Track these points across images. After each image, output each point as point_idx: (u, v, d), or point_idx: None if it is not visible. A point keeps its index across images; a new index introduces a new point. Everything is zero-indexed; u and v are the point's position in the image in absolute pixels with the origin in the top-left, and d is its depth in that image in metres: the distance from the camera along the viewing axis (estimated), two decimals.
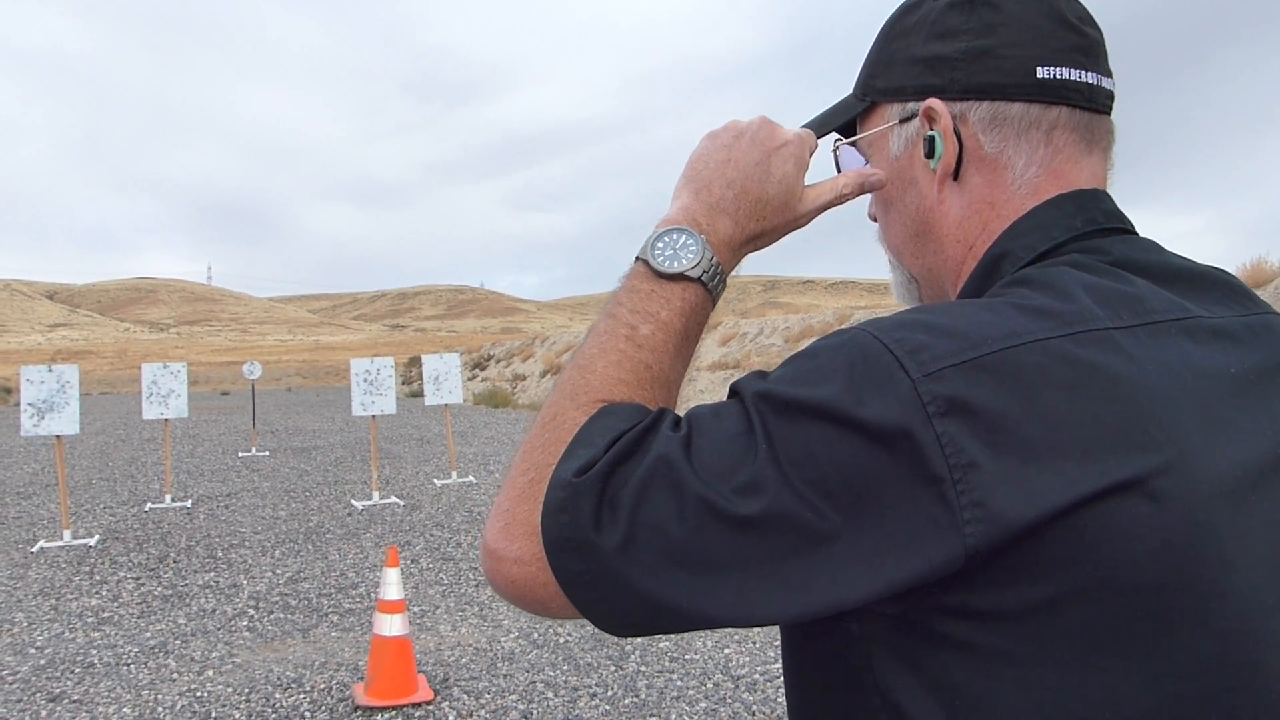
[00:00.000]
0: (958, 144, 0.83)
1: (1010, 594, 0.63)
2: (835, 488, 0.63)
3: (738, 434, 0.66)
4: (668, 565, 0.64)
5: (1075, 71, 0.82)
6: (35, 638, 5.64)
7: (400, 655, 4.47)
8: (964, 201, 0.84)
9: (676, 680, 4.67)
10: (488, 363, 36.11)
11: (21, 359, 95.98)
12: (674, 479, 0.65)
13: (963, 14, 0.83)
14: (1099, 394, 0.65)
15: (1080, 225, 0.80)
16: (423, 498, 10.67)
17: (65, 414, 8.65)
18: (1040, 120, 0.82)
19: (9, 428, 23.12)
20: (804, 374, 0.68)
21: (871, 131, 0.91)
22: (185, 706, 4.49)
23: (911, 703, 0.66)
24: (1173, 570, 0.63)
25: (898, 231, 0.91)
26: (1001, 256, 0.80)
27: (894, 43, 0.89)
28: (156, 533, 8.87)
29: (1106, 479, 0.62)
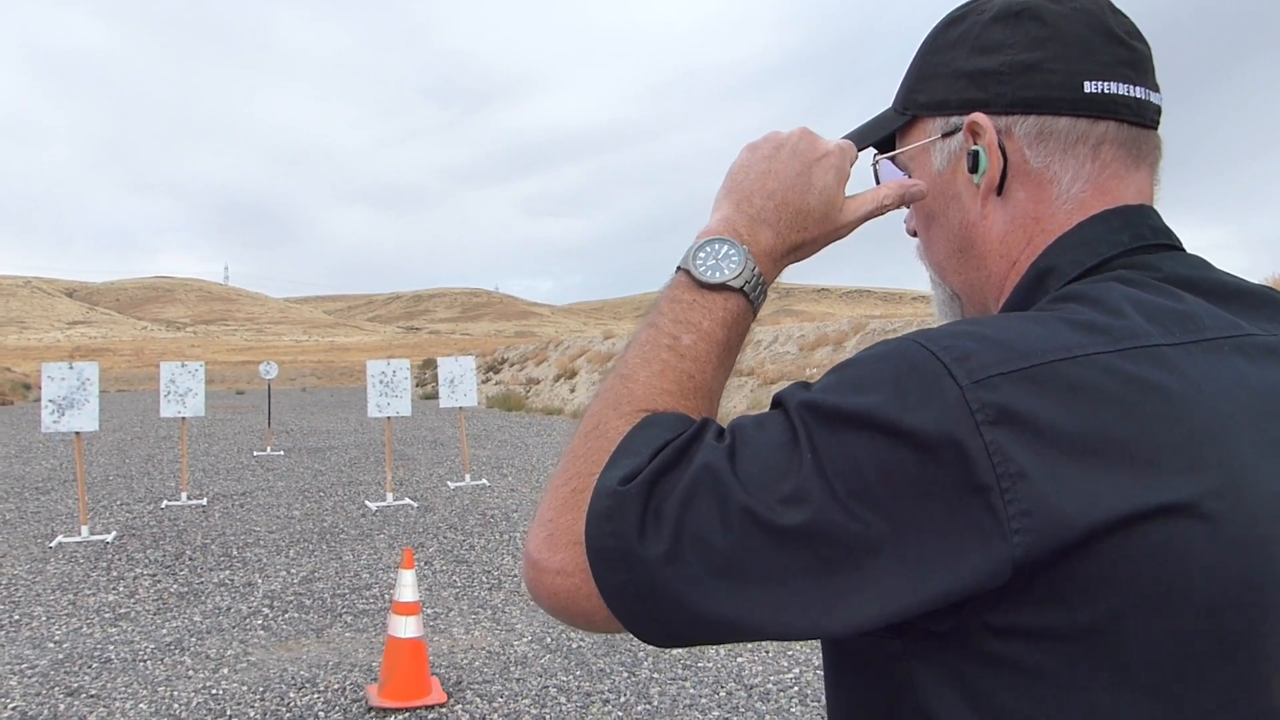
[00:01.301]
0: (1002, 159, 0.82)
1: (1058, 612, 0.62)
2: (881, 497, 0.62)
3: (782, 444, 0.66)
4: (712, 576, 0.64)
5: (1124, 86, 0.81)
6: (54, 632, 5.69)
7: (414, 657, 4.49)
8: (1008, 216, 0.83)
9: (689, 688, 4.68)
10: (502, 366, 36.18)
11: (41, 355, 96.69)
12: (718, 489, 0.65)
13: (1008, 28, 0.83)
14: (1151, 411, 0.64)
15: (1128, 241, 0.79)
16: (436, 500, 10.70)
17: (85, 411, 8.72)
18: (1088, 135, 0.81)
19: (28, 423, 23.30)
20: (849, 383, 0.67)
21: (913, 146, 0.90)
22: (201, 704, 4.52)
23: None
24: (1226, 594, 0.62)
25: (940, 247, 0.90)
26: (1047, 271, 0.80)
27: (937, 56, 0.88)
28: (172, 530, 8.93)
29: (1158, 498, 0.62)
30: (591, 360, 28.63)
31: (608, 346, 29.37)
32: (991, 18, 0.84)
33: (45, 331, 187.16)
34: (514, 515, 9.53)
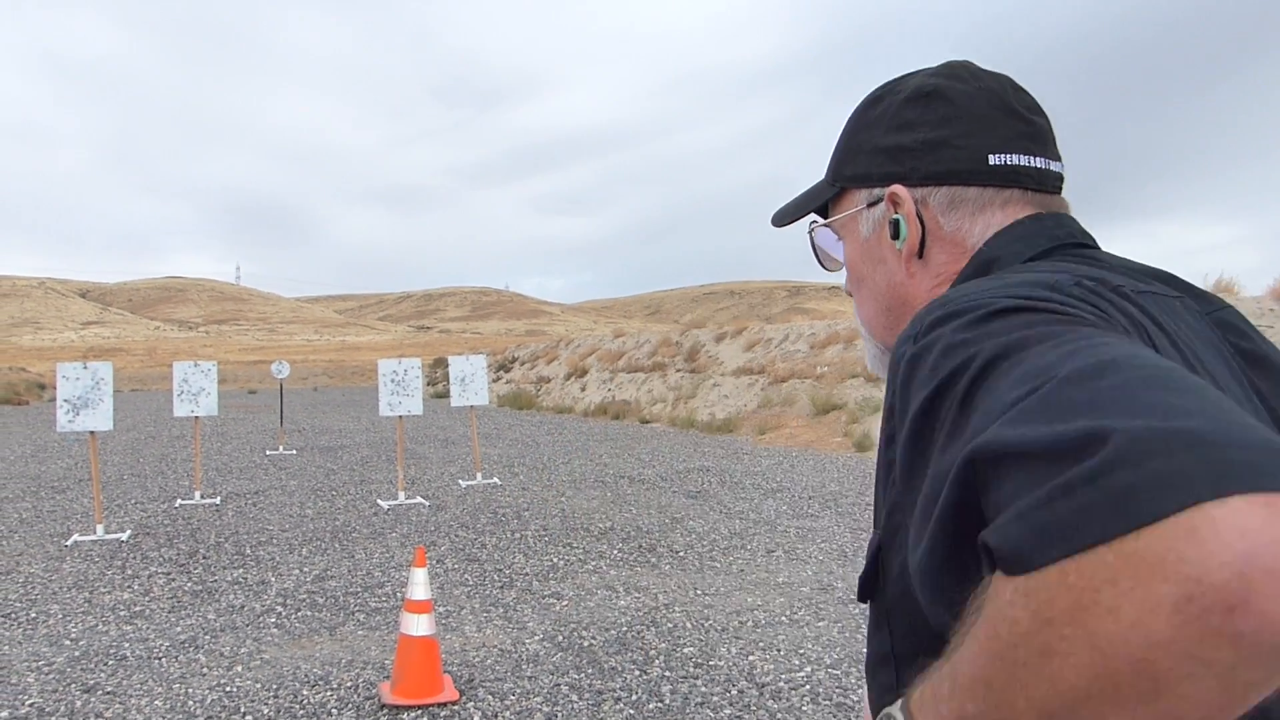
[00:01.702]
0: (920, 226, 0.91)
1: None
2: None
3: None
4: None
5: (1025, 157, 0.89)
6: (70, 629, 5.74)
7: (427, 655, 4.51)
8: (930, 275, 0.92)
9: (701, 686, 4.69)
10: (512, 365, 36.23)
11: (55, 355, 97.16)
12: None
13: (919, 108, 0.92)
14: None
15: (1063, 236, 0.87)
16: (448, 498, 10.73)
17: (100, 410, 8.78)
18: (994, 200, 0.90)
19: (44, 423, 23.45)
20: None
21: (843, 215, 0.99)
22: (215, 701, 4.55)
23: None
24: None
25: (869, 306, 0.99)
26: (992, 260, 0.87)
27: (860, 134, 0.97)
28: (186, 529, 8.99)
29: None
30: (602, 358, 28.64)
31: (618, 345, 29.39)
32: (905, 98, 0.93)
33: (59, 332, 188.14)
34: (525, 514, 9.56)
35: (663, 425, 20.64)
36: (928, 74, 0.95)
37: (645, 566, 7.23)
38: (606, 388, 26.30)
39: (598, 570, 7.12)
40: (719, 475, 12.15)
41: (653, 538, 8.25)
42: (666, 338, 27.49)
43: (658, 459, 14.24)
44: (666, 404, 22.32)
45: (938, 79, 0.93)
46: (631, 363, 26.68)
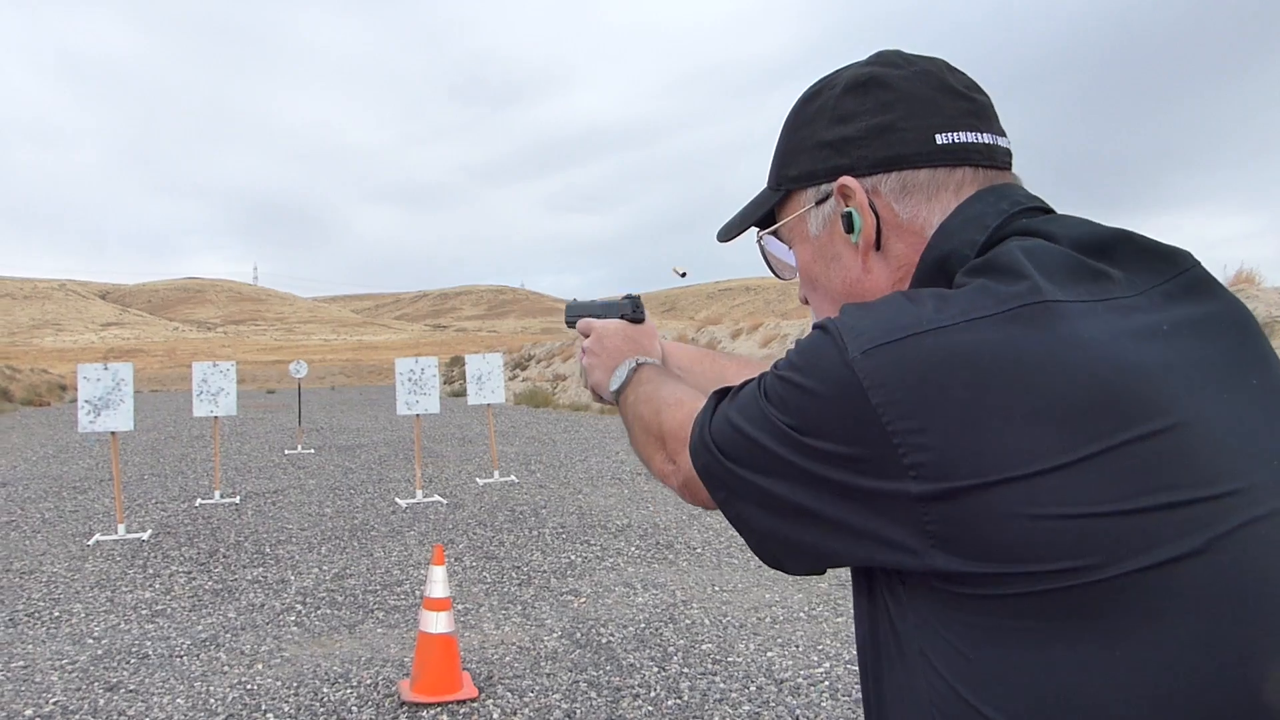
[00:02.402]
0: (875, 216, 0.89)
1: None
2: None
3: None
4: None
5: (972, 134, 0.89)
6: (92, 628, 5.79)
7: (446, 652, 4.53)
8: (891, 267, 0.91)
9: (719, 683, 4.69)
10: (528, 363, 36.28)
11: (76, 357, 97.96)
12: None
13: (859, 97, 0.91)
14: (1012, 378, 0.73)
15: (1008, 208, 0.86)
16: (465, 496, 10.76)
17: (120, 411, 8.85)
18: (946, 182, 0.88)
19: (65, 423, 23.65)
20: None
21: (789, 218, 0.98)
22: (236, 699, 4.58)
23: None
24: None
25: (827, 307, 0.97)
26: (945, 258, 0.86)
27: (799, 132, 0.96)
28: (206, 528, 9.05)
29: (1028, 467, 0.71)
30: None
31: None
32: (843, 90, 0.92)
33: (80, 333, 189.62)
34: (542, 511, 9.57)
35: None
36: (860, 65, 0.94)
37: (663, 563, 7.23)
38: None
39: (615, 567, 7.12)
40: None
41: (670, 534, 8.25)
42: (683, 334, 27.47)
43: None
44: None
45: (872, 67, 0.93)
46: None
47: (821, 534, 0.81)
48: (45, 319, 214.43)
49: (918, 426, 0.72)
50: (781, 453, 0.80)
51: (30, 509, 10.32)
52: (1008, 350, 0.72)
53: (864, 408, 0.74)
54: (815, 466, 0.78)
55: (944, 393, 0.72)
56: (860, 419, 0.74)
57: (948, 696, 0.76)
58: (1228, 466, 0.72)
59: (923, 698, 0.78)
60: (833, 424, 0.76)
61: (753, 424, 0.82)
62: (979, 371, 0.72)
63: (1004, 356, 0.72)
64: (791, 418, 0.79)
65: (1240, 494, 0.71)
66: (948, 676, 0.76)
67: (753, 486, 0.83)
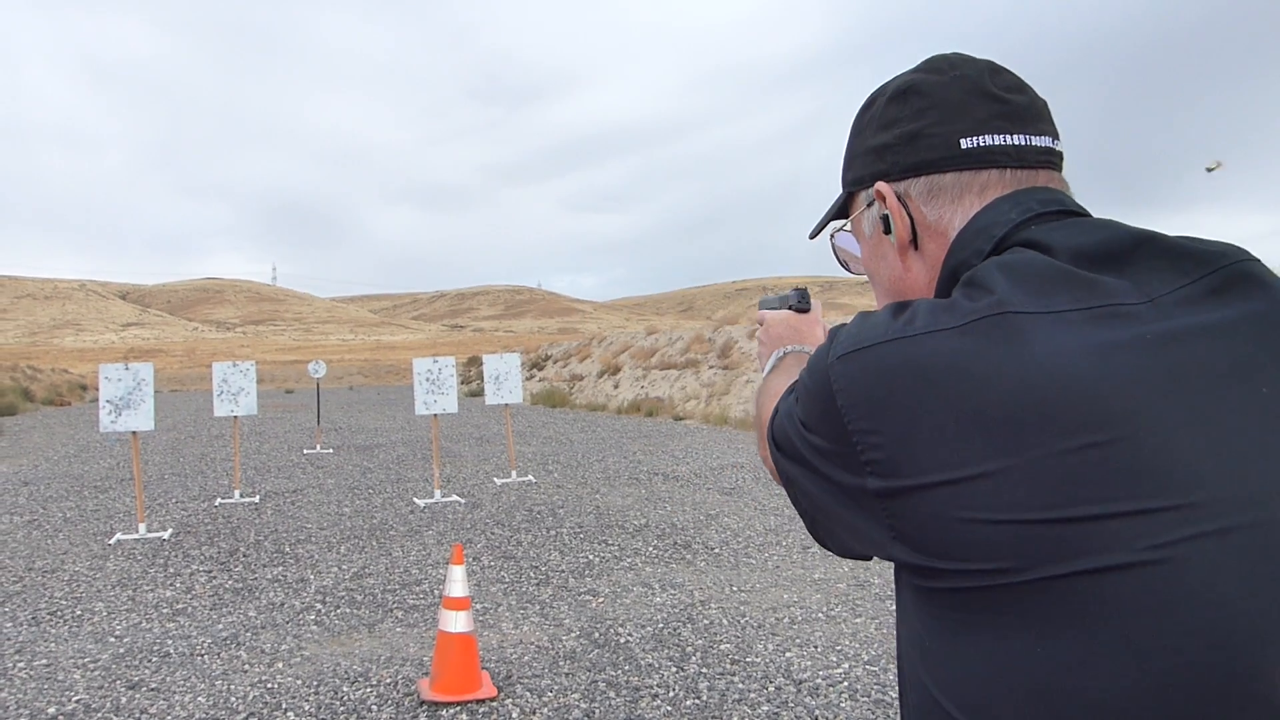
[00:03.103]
0: (909, 218, 0.96)
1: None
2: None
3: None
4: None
5: (999, 136, 0.92)
6: (114, 626, 5.83)
7: (465, 652, 4.54)
8: (927, 266, 0.97)
9: (738, 683, 4.68)
10: (545, 363, 36.34)
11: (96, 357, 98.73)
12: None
13: (898, 105, 0.97)
14: (960, 390, 0.77)
15: (1016, 216, 0.89)
16: (483, 496, 10.79)
17: (141, 411, 8.91)
18: (971, 184, 0.93)
19: (85, 423, 23.84)
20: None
21: (850, 218, 1.08)
22: (257, 697, 4.61)
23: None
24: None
25: (881, 301, 1.05)
26: (956, 268, 0.91)
27: (856, 139, 1.04)
28: (226, 527, 9.10)
29: (960, 471, 0.76)
30: (635, 356, 28.65)
31: (650, 342, 29.38)
32: (888, 98, 0.99)
33: (100, 333, 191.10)
34: (560, 511, 9.58)
35: (696, 422, 20.62)
36: (909, 71, 1.00)
37: (680, 563, 7.22)
38: (639, 385, 26.31)
39: (633, 567, 7.12)
40: (753, 471, 12.12)
41: (687, 534, 8.24)
42: (699, 334, 27.44)
43: (691, 456, 14.23)
44: (700, 401, 22.29)
45: (915, 75, 0.98)
46: (664, 360, 26.67)
47: (833, 521, 0.89)
48: (66, 319, 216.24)
49: (869, 427, 0.80)
50: (799, 444, 0.88)
51: (52, 508, 10.41)
52: (956, 360, 0.77)
53: (832, 407, 0.82)
54: (814, 459, 0.87)
55: (893, 398, 0.79)
56: (831, 417, 0.83)
57: (917, 684, 0.84)
58: (1183, 480, 0.72)
59: (908, 684, 0.87)
60: (819, 420, 0.85)
61: (788, 417, 0.91)
62: (926, 380, 0.77)
63: (951, 366, 0.77)
64: (802, 413, 0.88)
65: (1193, 508, 0.72)
66: (917, 664, 0.84)
67: (792, 472, 0.92)
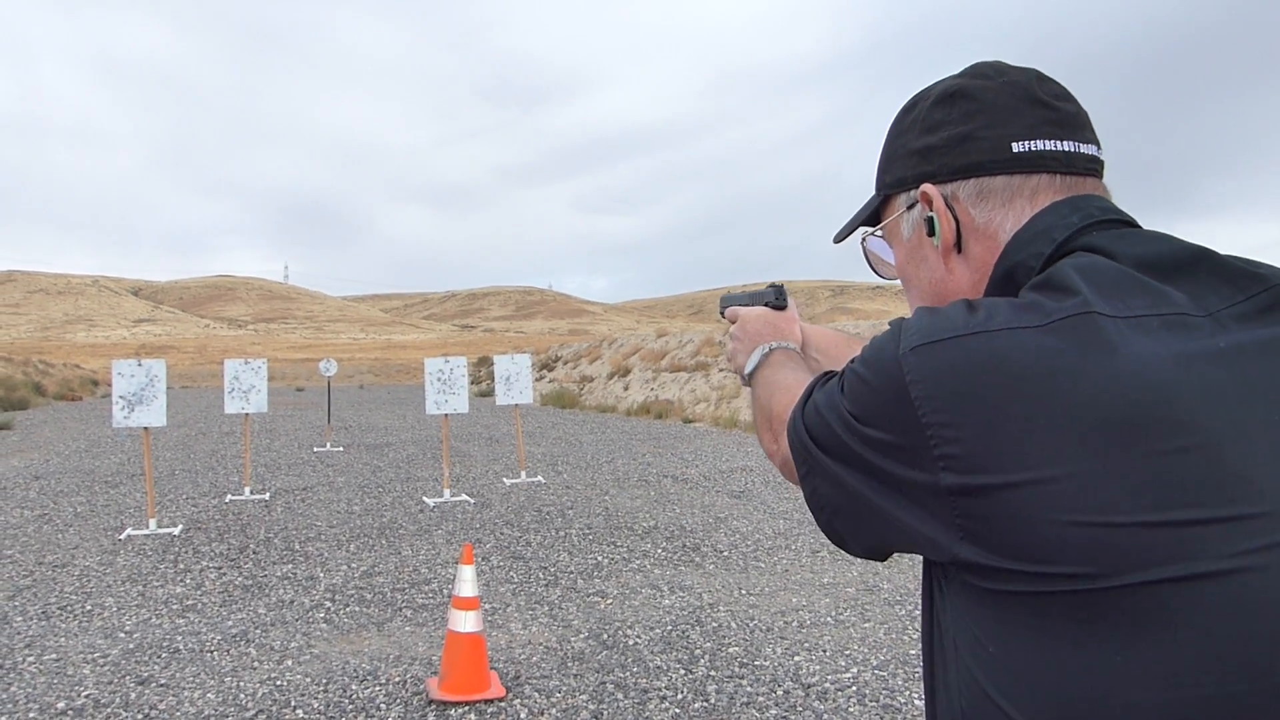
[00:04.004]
0: (954, 220, 0.95)
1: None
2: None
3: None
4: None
5: (1050, 142, 0.93)
6: (124, 622, 5.85)
7: (474, 651, 4.54)
8: (970, 269, 0.96)
9: (746, 686, 4.67)
10: (555, 364, 36.36)
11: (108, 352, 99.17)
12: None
13: (945, 108, 0.97)
14: (1052, 389, 0.76)
15: (1078, 221, 0.89)
16: (493, 496, 10.79)
17: (153, 407, 8.94)
18: (1021, 188, 0.93)
19: (97, 418, 23.94)
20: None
21: (886, 221, 1.07)
22: (266, 694, 4.61)
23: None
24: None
25: (918, 305, 1.02)
26: (1013, 269, 0.91)
27: (896, 141, 1.04)
28: (236, 524, 9.12)
29: (1032, 473, 0.75)
30: (645, 358, 28.64)
31: (660, 344, 29.37)
32: (933, 102, 0.99)
33: (112, 329, 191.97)
34: (569, 512, 9.58)
35: (706, 425, 20.60)
36: (954, 76, 1.00)
37: (689, 566, 7.21)
38: (649, 387, 26.30)
39: (642, 569, 7.12)
40: (762, 475, 12.10)
41: (696, 537, 8.23)
42: (709, 337, 27.42)
43: (701, 458, 14.22)
44: (709, 403, 22.27)
45: (963, 79, 0.98)
46: (674, 362, 26.66)
47: (873, 518, 0.87)
48: (78, 314, 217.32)
49: (948, 421, 0.78)
50: (845, 438, 0.87)
51: (63, 503, 10.45)
52: (1042, 359, 0.76)
53: (905, 400, 0.81)
54: (868, 453, 0.85)
55: (976, 393, 0.77)
56: (901, 410, 0.81)
57: (971, 687, 0.82)
58: (1261, 489, 0.73)
59: (954, 688, 0.84)
60: (881, 413, 0.83)
61: (830, 410, 0.90)
62: (1012, 377, 0.76)
63: (1038, 365, 0.76)
64: (854, 406, 0.87)
65: (1269, 517, 0.73)
66: (972, 668, 0.81)
67: (826, 467, 0.90)
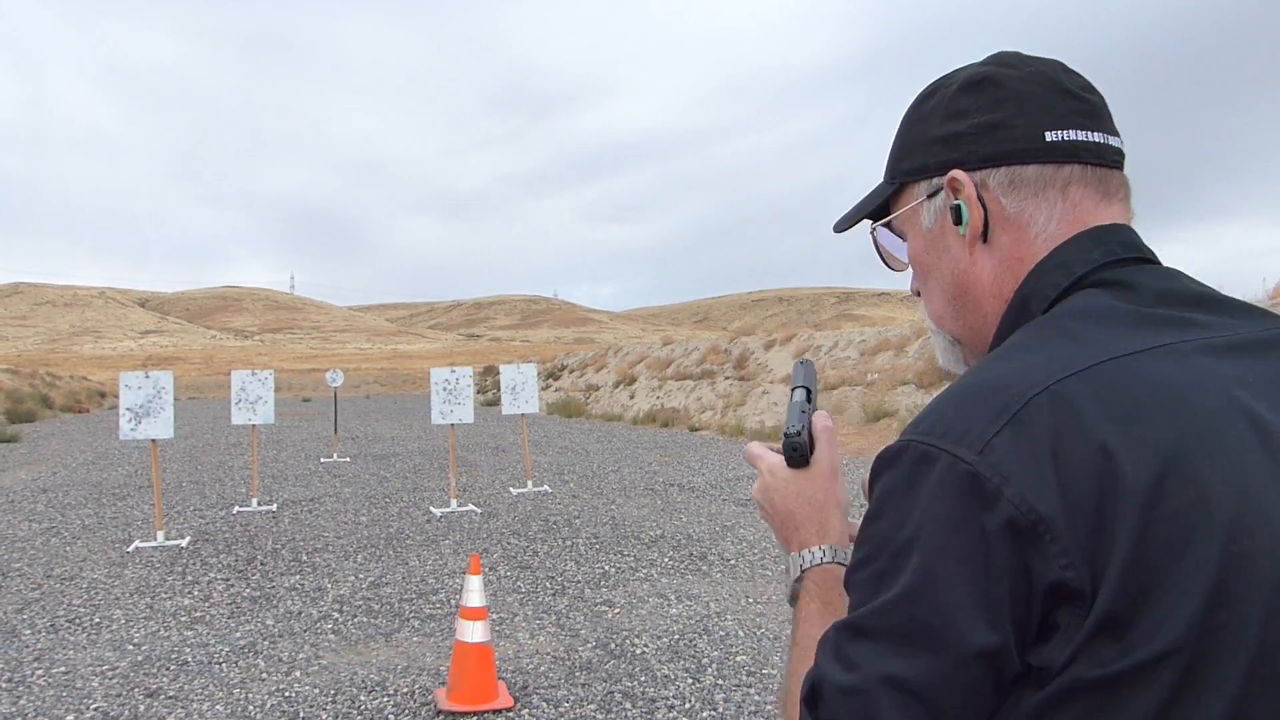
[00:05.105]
0: (983, 209, 0.93)
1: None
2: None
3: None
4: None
5: (1082, 133, 0.92)
6: (132, 634, 5.86)
7: (482, 662, 4.54)
8: (995, 260, 0.94)
9: (754, 694, 4.66)
10: (561, 373, 36.39)
11: (115, 364, 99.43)
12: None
13: (972, 95, 0.95)
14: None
15: (1099, 258, 0.89)
16: (499, 506, 10.80)
17: (161, 419, 8.97)
18: (1054, 178, 0.91)
19: (104, 430, 24.00)
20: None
21: (903, 210, 1.02)
22: (275, 706, 4.62)
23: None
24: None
25: (937, 298, 1.01)
26: (1029, 297, 0.90)
27: (915, 128, 1.00)
28: (244, 535, 9.14)
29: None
30: (650, 366, 28.65)
31: (666, 352, 29.38)
32: (957, 89, 0.96)
33: (119, 341, 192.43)
34: (576, 521, 9.58)
35: (712, 433, 20.59)
36: (977, 65, 0.98)
37: (696, 574, 7.21)
38: (655, 395, 26.31)
39: (649, 578, 7.11)
40: None
41: (703, 546, 8.22)
42: (715, 345, 27.43)
43: (707, 467, 14.21)
44: (715, 412, 22.27)
45: (988, 67, 0.96)
46: (680, 370, 26.66)
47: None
48: (85, 326, 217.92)
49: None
50: None
51: (70, 515, 10.48)
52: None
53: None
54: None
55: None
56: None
57: None
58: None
59: None
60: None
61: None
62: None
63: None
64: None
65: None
66: None
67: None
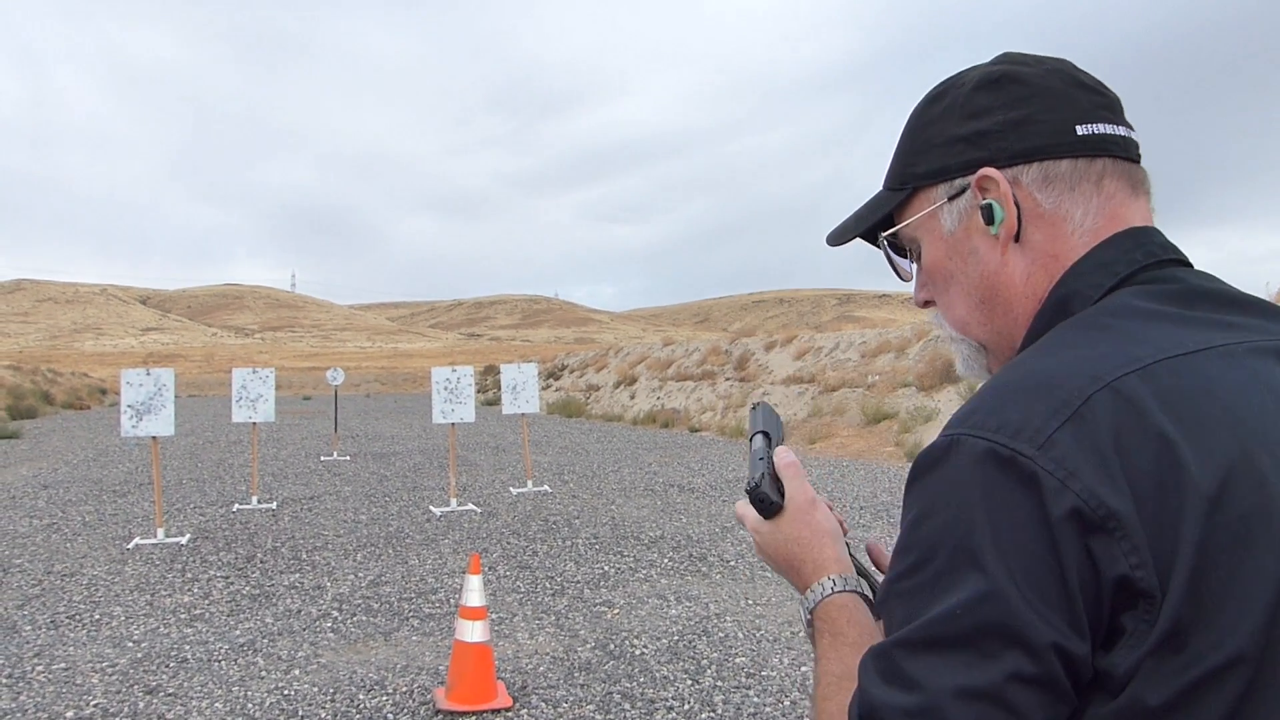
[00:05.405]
0: (1016, 207, 0.90)
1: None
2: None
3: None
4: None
5: (1109, 126, 0.90)
6: (132, 631, 5.86)
7: (481, 661, 4.54)
8: (1028, 259, 0.91)
9: (753, 696, 4.66)
10: (562, 372, 36.39)
11: (116, 361, 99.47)
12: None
13: (992, 93, 0.92)
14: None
15: (1141, 259, 0.87)
16: (499, 505, 10.80)
17: (162, 416, 8.97)
18: (1088, 172, 0.89)
19: (105, 427, 24.01)
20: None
21: (918, 215, 0.97)
22: (274, 704, 4.62)
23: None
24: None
25: (961, 304, 0.97)
26: (1069, 297, 0.87)
27: (927, 130, 0.96)
28: (244, 533, 9.14)
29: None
30: (651, 367, 28.65)
31: (667, 353, 29.38)
32: (973, 88, 0.93)
33: (120, 338, 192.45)
34: (575, 521, 9.58)
35: (712, 434, 20.59)
36: (987, 65, 0.95)
37: (696, 575, 7.21)
38: (655, 396, 26.31)
39: (649, 579, 7.11)
40: None
41: (703, 547, 8.23)
42: (716, 346, 27.44)
43: (707, 467, 14.21)
44: (716, 412, 22.27)
45: (1002, 65, 0.94)
46: (680, 371, 26.67)
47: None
48: (86, 323, 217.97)
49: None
50: None
51: (71, 512, 10.49)
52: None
53: None
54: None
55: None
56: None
57: None
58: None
59: None
60: None
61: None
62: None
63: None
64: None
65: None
66: None
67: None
